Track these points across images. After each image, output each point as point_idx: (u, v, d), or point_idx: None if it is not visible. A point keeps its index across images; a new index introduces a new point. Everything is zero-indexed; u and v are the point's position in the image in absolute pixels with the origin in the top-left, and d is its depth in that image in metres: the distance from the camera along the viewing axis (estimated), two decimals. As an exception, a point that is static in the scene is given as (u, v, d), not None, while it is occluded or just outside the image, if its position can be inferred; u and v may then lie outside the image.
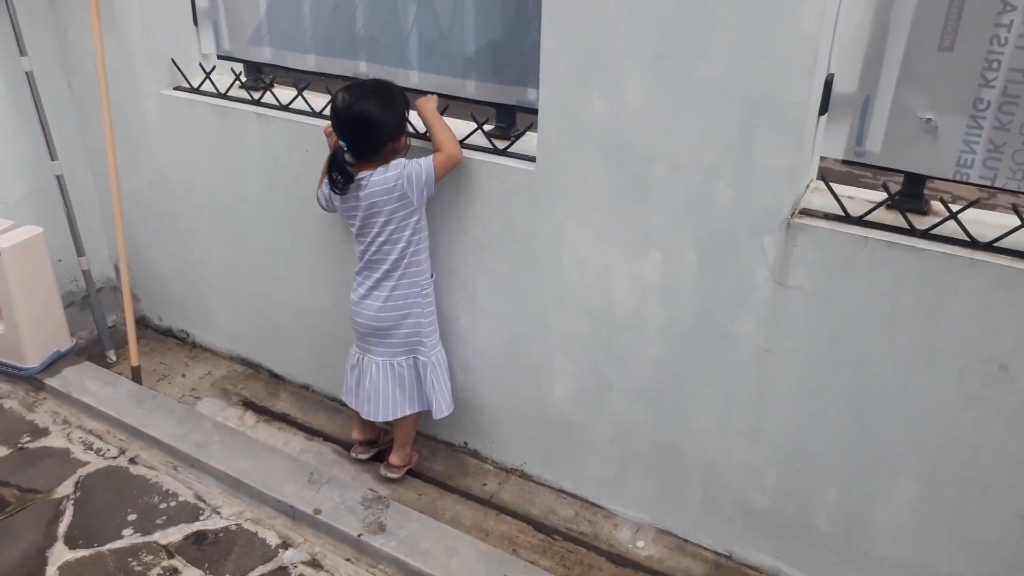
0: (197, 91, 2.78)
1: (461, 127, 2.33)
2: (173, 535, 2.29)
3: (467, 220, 2.32)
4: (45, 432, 2.70)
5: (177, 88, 2.82)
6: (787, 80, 1.74)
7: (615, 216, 2.08)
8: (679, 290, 2.07)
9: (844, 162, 1.96)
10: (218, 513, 2.38)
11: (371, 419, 2.43)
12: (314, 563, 2.22)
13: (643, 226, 2.05)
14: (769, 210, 1.87)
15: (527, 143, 2.24)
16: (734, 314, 2.01)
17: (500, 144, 2.26)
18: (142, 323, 3.43)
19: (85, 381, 2.89)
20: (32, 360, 2.91)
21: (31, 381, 2.92)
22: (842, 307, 1.86)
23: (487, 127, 2.35)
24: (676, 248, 2.03)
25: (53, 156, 2.92)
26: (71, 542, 2.26)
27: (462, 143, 2.27)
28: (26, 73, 2.81)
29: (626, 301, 2.16)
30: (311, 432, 2.80)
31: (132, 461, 2.58)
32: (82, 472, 2.52)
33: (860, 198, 1.96)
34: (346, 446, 2.69)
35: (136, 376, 2.99)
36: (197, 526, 2.33)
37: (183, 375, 3.11)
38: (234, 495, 2.46)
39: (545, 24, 1.98)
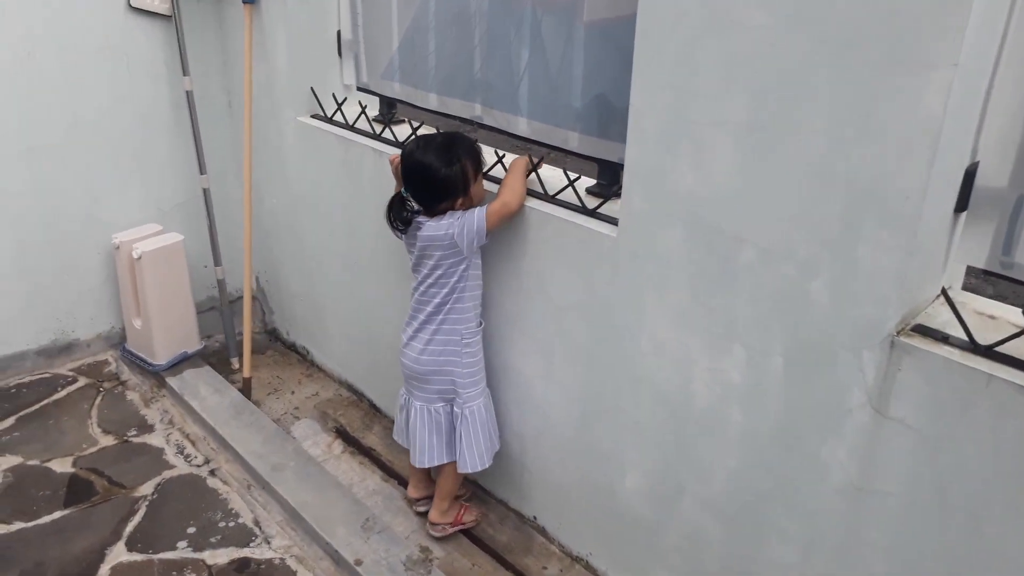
0: (329, 120, 2.83)
1: (559, 180, 2.16)
2: (220, 557, 2.30)
3: (547, 281, 2.14)
4: (150, 429, 2.85)
5: (314, 116, 2.89)
6: (899, 168, 1.41)
7: (697, 301, 1.81)
8: (763, 397, 1.76)
9: (986, 273, 1.57)
10: (268, 543, 2.37)
11: (414, 464, 2.36)
12: (339, 618, 2.13)
13: (727, 317, 1.77)
14: (871, 321, 1.53)
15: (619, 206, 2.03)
16: (823, 438, 1.67)
17: (591, 202, 2.07)
18: (272, 335, 3.57)
19: (199, 385, 3.03)
20: (160, 357, 3.10)
21: (156, 376, 3.11)
22: (954, 453, 1.48)
23: (588, 183, 2.18)
24: (762, 348, 1.72)
25: (202, 170, 3.11)
26: (131, 544, 2.34)
27: (554, 197, 2.11)
28: (186, 92, 3.01)
29: (704, 398, 1.88)
30: (390, 473, 2.73)
31: (212, 473, 2.65)
32: (166, 475, 2.62)
33: (1004, 319, 1.56)
34: (415, 496, 2.59)
35: (246, 387, 3.09)
36: (245, 552, 2.32)
37: (293, 392, 3.17)
38: (290, 526, 2.44)
39: (635, 80, 1.77)
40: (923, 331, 1.51)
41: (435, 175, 2.06)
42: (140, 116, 3.05)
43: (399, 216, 2.13)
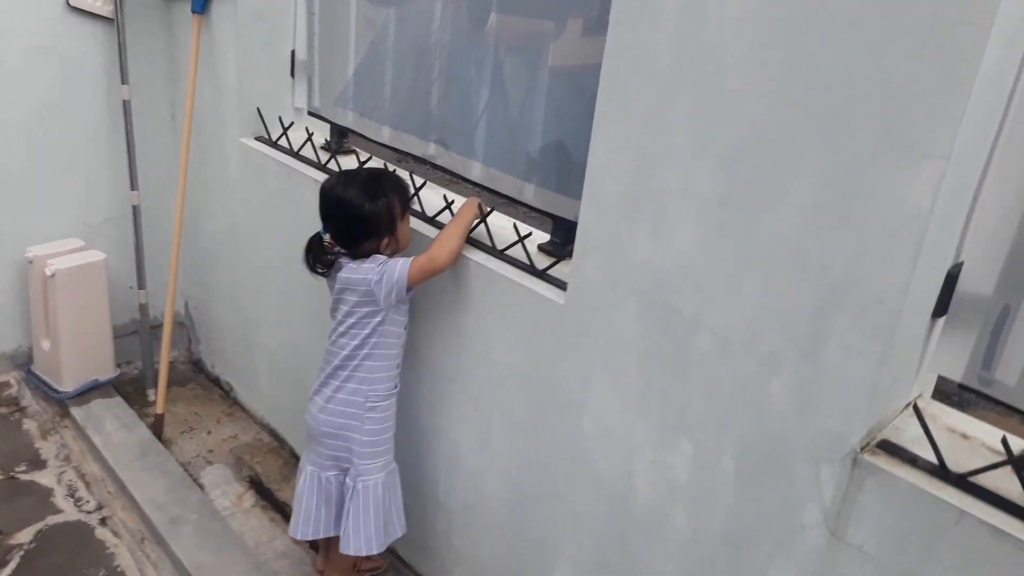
0: (274, 145, 2.63)
1: (509, 234, 1.98)
2: (96, 624, 2.05)
3: (491, 343, 1.95)
4: (42, 465, 2.58)
5: (259, 138, 2.69)
6: (879, 263, 1.24)
7: (647, 385, 1.63)
8: (709, 500, 1.57)
9: (962, 387, 1.40)
10: (153, 611, 2.12)
11: (291, 533, 2.09)
12: None
13: (678, 407, 1.58)
14: (834, 433, 1.35)
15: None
16: (772, 555, 1.48)
17: (542, 262, 1.89)
18: (197, 366, 3.32)
19: (106, 418, 2.77)
20: (67, 384, 2.84)
21: (61, 405, 2.84)
22: (918, 594, 1.30)
23: (542, 238, 2.00)
24: (713, 446, 1.54)
25: (133, 186, 2.88)
26: (-5, 602, 2.08)
27: (502, 252, 1.93)
28: (124, 101, 2.79)
29: (647, 494, 1.68)
30: (304, 533, 2.49)
31: (103, 521, 2.38)
32: (50, 520, 2.36)
33: (979, 440, 1.39)
34: (327, 563, 2.35)
35: (158, 424, 2.83)
36: (124, 620, 2.07)
37: (210, 432, 2.93)
38: (180, 592, 2.19)
39: (595, 137, 1.60)
40: (889, 448, 1.33)
41: (357, 212, 1.88)
42: (72, 123, 2.83)
43: (319, 258, 1.94)
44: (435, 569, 2.31)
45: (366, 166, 2.06)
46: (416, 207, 2.17)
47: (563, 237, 1.97)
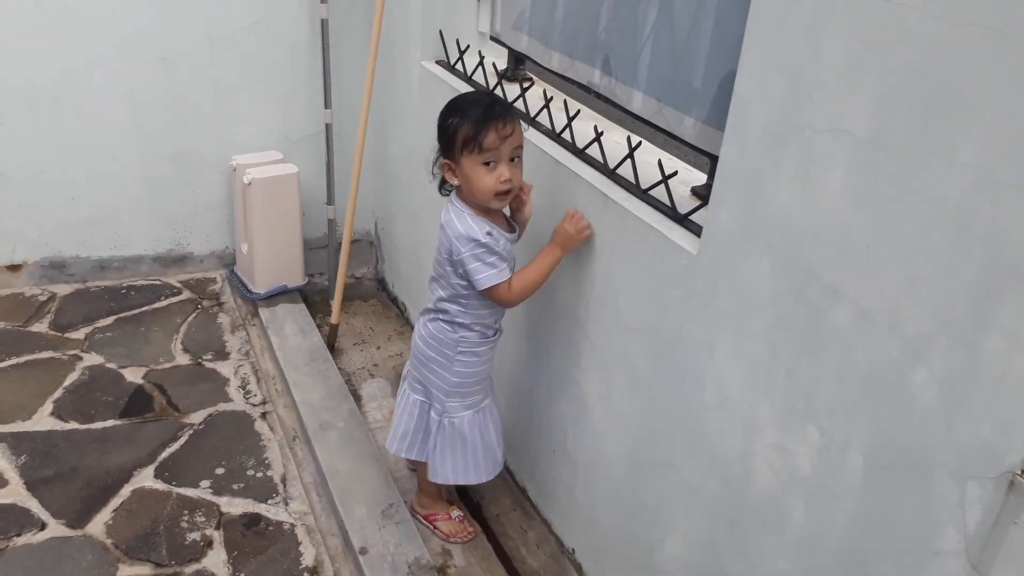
0: (451, 69, 2.59)
1: (652, 174, 1.78)
2: (236, 507, 2.21)
3: (618, 293, 1.79)
4: (225, 357, 2.82)
5: (438, 62, 2.67)
6: (1068, 238, 0.94)
7: (775, 358, 1.40)
8: (832, 498, 1.33)
9: None
10: (287, 504, 2.24)
11: (387, 448, 2.16)
12: (321, 608, 1.96)
13: (806, 388, 1.35)
14: (987, 444, 1.07)
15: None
16: (897, 577, 1.23)
17: (685, 206, 1.68)
18: (381, 285, 3.45)
19: (286, 322, 2.96)
20: (259, 286, 3.07)
21: (252, 304, 3.08)
22: (1075, 666, 1.01)
23: (698, 180, 1.79)
24: (841, 438, 1.29)
25: (327, 104, 2.99)
26: (160, 471, 2.30)
27: (646, 192, 1.75)
28: (321, 20, 2.88)
29: (765, 479, 1.47)
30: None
31: (263, 416, 2.56)
32: (220, 407, 2.57)
33: None
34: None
35: (331, 334, 2.98)
36: (260, 508, 2.21)
37: (379, 347, 3.04)
38: (314, 492, 2.30)
39: (743, 58, 1.37)
40: (1065, 478, 1.03)
41: (438, 122, 1.85)
42: (276, 40, 2.98)
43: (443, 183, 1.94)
44: (559, 518, 2.24)
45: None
46: (567, 137, 2.03)
47: (720, 180, 1.74)
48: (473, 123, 1.77)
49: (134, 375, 2.67)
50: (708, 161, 1.77)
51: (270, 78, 3.05)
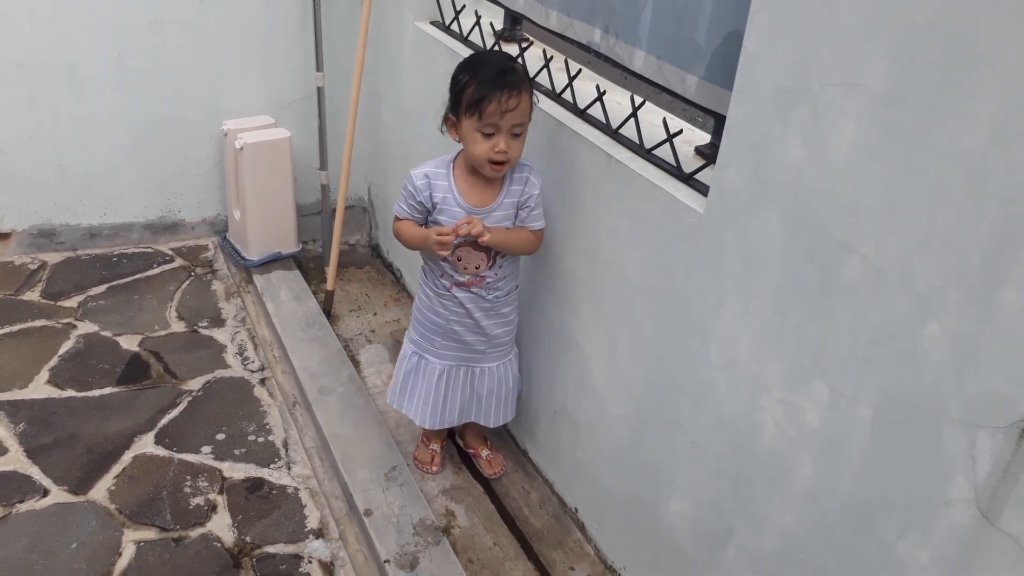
0: (446, 29, 2.56)
1: (656, 134, 1.77)
2: (238, 472, 2.21)
3: (624, 253, 1.79)
4: (222, 323, 2.81)
5: (433, 23, 2.63)
6: (1086, 189, 0.94)
7: (783, 316, 1.41)
8: (840, 452, 1.35)
9: None
10: (289, 468, 2.24)
11: None
12: (327, 568, 1.97)
13: (815, 344, 1.36)
14: (999, 395, 1.08)
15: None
16: (905, 528, 1.25)
17: (691, 165, 1.68)
18: (375, 251, 3.44)
19: (281, 289, 2.95)
20: (253, 253, 3.04)
21: (246, 271, 3.06)
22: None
23: (701, 140, 1.78)
24: (851, 392, 1.31)
25: (319, 67, 2.95)
26: (160, 437, 2.30)
27: (649, 152, 1.75)
28: (313, -20, 2.84)
29: (772, 436, 1.49)
30: (444, 421, 2.53)
31: (262, 382, 2.56)
32: (218, 374, 2.56)
33: None
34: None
35: (327, 300, 2.97)
36: (263, 473, 2.21)
37: (375, 313, 3.03)
38: (317, 456, 2.30)
39: (752, 14, 1.36)
40: (1074, 427, 1.05)
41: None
42: (267, 2, 2.92)
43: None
44: (561, 479, 2.26)
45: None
46: (567, 98, 2.02)
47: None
48: (478, 87, 1.75)
49: (129, 343, 2.66)
50: (712, 120, 1.77)
51: (261, 41, 3.00)
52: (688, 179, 1.66)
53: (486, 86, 1.75)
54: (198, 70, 2.96)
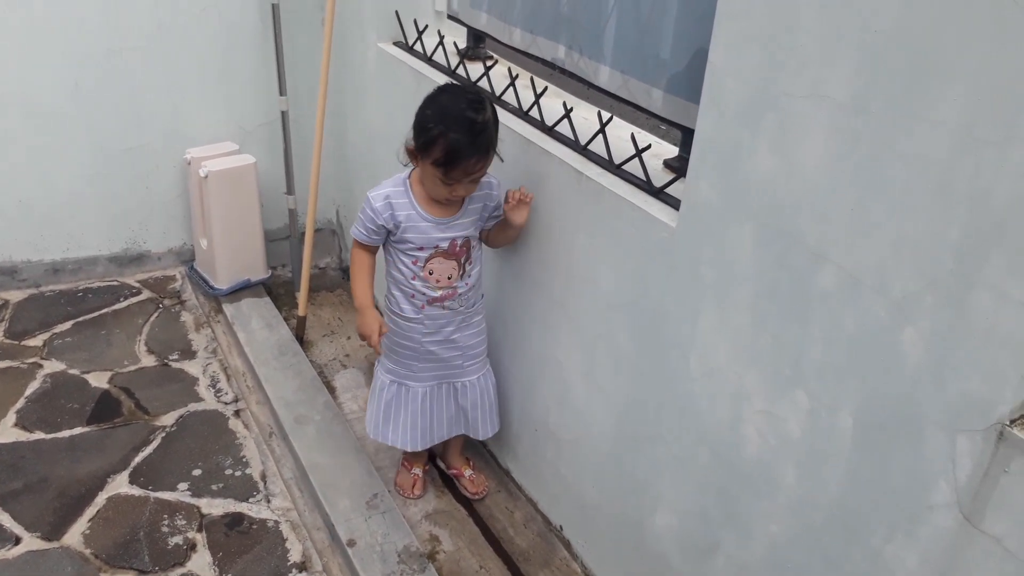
0: (409, 50, 2.55)
1: (630, 148, 1.78)
2: (216, 507, 2.16)
3: (600, 270, 1.79)
4: (192, 355, 2.76)
5: (396, 43, 2.62)
6: (1052, 192, 0.96)
7: (760, 326, 1.42)
8: (823, 461, 1.35)
9: None
10: (269, 501, 2.20)
11: None
12: (312, 603, 1.94)
13: (793, 353, 1.36)
14: (976, 398, 1.09)
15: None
16: (891, 532, 1.26)
17: (660, 179, 1.68)
18: (346, 274, 3.41)
19: (252, 317, 2.91)
20: (222, 282, 3.00)
21: (215, 301, 3.01)
22: (1069, 606, 1.04)
23: (670, 153, 1.79)
24: (830, 400, 1.32)
25: (282, 91, 2.92)
26: (135, 475, 2.24)
27: (619, 166, 1.75)
28: (272, 5, 2.81)
29: (755, 447, 1.49)
30: (424, 444, 2.51)
31: (237, 413, 2.51)
32: (191, 407, 2.51)
33: None
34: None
35: (300, 326, 2.93)
36: (242, 507, 2.17)
37: (349, 337, 3.00)
38: (295, 487, 2.26)
39: (717, 28, 1.37)
40: (1053, 427, 1.06)
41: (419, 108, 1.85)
42: (227, 27, 2.89)
43: None
44: (545, 497, 2.24)
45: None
46: (535, 115, 2.02)
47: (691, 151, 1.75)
48: (447, 150, 1.75)
49: (98, 380, 2.60)
50: (679, 133, 1.78)
51: (222, 67, 2.96)
52: (659, 193, 1.66)
53: (455, 152, 1.74)
54: (159, 98, 2.92)
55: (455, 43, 2.49)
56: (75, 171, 2.92)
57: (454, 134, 1.73)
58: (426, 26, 2.50)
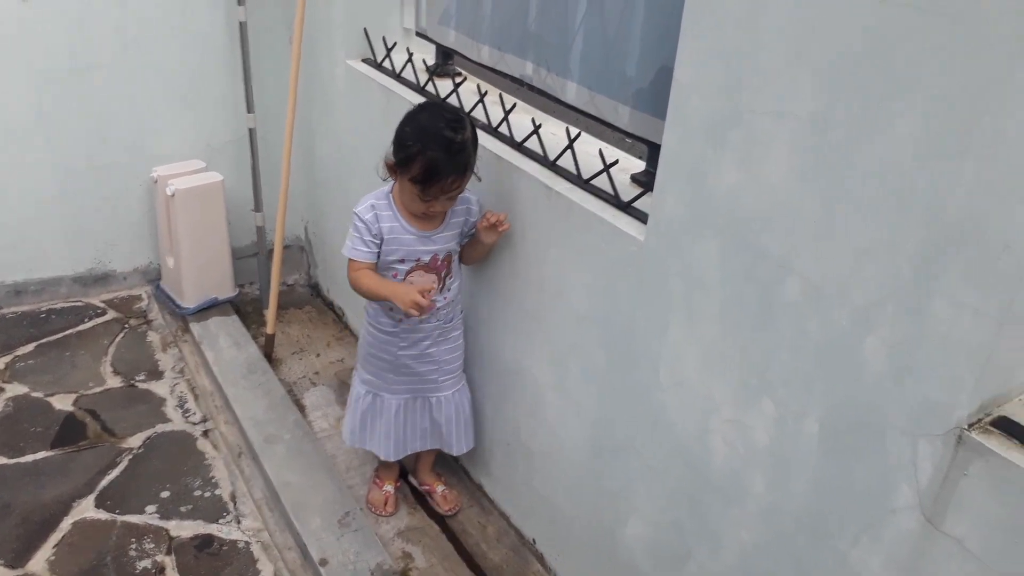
0: (378, 67, 2.56)
1: (598, 163, 1.80)
2: (185, 529, 2.13)
3: (570, 283, 1.81)
4: (159, 376, 2.72)
5: (365, 60, 2.63)
6: (1002, 204, 1.00)
7: (727, 336, 1.45)
8: (790, 467, 1.38)
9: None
10: (239, 522, 2.18)
11: None
12: (284, 623, 1.92)
13: (760, 362, 1.40)
14: (935, 404, 1.13)
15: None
16: (857, 536, 1.29)
17: (628, 193, 1.71)
18: (315, 290, 3.39)
19: (219, 336, 2.88)
20: (188, 300, 2.97)
21: (182, 320, 2.97)
22: (1028, 604, 1.08)
23: (637, 168, 1.82)
24: (797, 408, 1.35)
25: (250, 108, 2.92)
26: (101, 499, 2.20)
27: (587, 182, 1.78)
28: (240, 23, 2.81)
29: (724, 456, 1.51)
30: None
31: (205, 434, 2.48)
32: (159, 429, 2.48)
33: None
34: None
35: (268, 344, 2.91)
36: (212, 529, 2.14)
37: (318, 354, 2.98)
38: (266, 507, 2.24)
39: (682, 46, 1.40)
40: (1007, 428, 1.10)
41: (400, 123, 1.86)
42: (193, 45, 2.88)
43: None
44: (517, 511, 2.25)
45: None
46: (504, 131, 2.04)
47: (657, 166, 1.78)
48: (426, 169, 1.77)
49: (63, 402, 2.55)
50: (645, 148, 1.82)
51: (189, 85, 2.95)
52: (627, 207, 1.69)
53: (434, 170, 1.77)
54: (125, 116, 2.89)
55: (424, 60, 2.51)
56: (39, 190, 2.88)
57: (432, 152, 1.75)
58: (395, 43, 2.52)
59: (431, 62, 2.52)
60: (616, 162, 1.75)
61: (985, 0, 0.97)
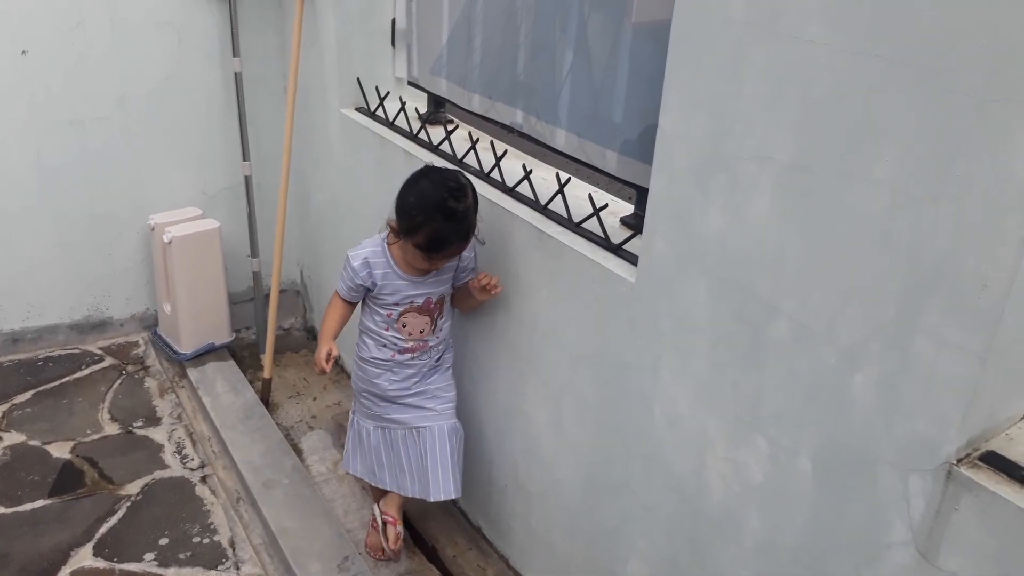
0: (371, 115, 2.62)
1: (588, 206, 1.84)
2: (184, 577, 2.14)
3: (563, 324, 1.84)
4: (157, 422, 2.73)
5: (358, 109, 2.69)
6: (980, 244, 1.03)
7: (719, 374, 1.47)
8: (786, 504, 1.40)
9: (1097, 393, 1.16)
10: (238, 568, 2.17)
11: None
12: (283, 672, 1.91)
13: (752, 400, 1.42)
14: (924, 440, 1.15)
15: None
16: (853, 573, 1.30)
17: (618, 236, 1.75)
18: (311, 334, 3.41)
19: (217, 381, 2.89)
20: (186, 346, 2.98)
21: (179, 366, 2.99)
22: (1023, 637, 1.09)
23: (626, 211, 1.86)
24: (789, 445, 1.37)
25: (245, 156, 2.97)
26: (99, 548, 2.20)
27: (578, 225, 1.82)
28: (235, 74, 2.87)
29: (720, 493, 1.53)
30: (393, 503, 2.50)
31: (204, 479, 2.49)
32: (157, 475, 2.48)
33: (1119, 460, 1.14)
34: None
35: (265, 389, 2.92)
36: (211, 576, 2.15)
37: (315, 398, 2.99)
38: (265, 553, 2.24)
39: (666, 96, 1.45)
40: (995, 462, 1.12)
41: (403, 187, 1.92)
42: (190, 95, 2.94)
43: None
44: (516, 552, 2.25)
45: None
46: (496, 176, 2.09)
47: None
48: (430, 239, 1.84)
49: (60, 450, 2.55)
50: (634, 192, 1.86)
51: (185, 134, 3.00)
52: (617, 250, 1.73)
53: (438, 241, 1.84)
54: (122, 165, 2.94)
55: (416, 108, 2.57)
56: (37, 239, 2.91)
57: (437, 223, 1.82)
58: (387, 92, 2.58)
59: (423, 110, 2.58)
60: (606, 206, 1.79)
61: (951, 53, 1.02)
